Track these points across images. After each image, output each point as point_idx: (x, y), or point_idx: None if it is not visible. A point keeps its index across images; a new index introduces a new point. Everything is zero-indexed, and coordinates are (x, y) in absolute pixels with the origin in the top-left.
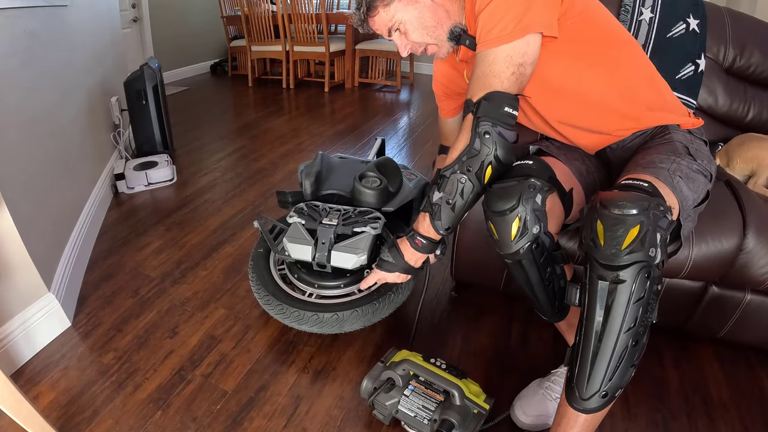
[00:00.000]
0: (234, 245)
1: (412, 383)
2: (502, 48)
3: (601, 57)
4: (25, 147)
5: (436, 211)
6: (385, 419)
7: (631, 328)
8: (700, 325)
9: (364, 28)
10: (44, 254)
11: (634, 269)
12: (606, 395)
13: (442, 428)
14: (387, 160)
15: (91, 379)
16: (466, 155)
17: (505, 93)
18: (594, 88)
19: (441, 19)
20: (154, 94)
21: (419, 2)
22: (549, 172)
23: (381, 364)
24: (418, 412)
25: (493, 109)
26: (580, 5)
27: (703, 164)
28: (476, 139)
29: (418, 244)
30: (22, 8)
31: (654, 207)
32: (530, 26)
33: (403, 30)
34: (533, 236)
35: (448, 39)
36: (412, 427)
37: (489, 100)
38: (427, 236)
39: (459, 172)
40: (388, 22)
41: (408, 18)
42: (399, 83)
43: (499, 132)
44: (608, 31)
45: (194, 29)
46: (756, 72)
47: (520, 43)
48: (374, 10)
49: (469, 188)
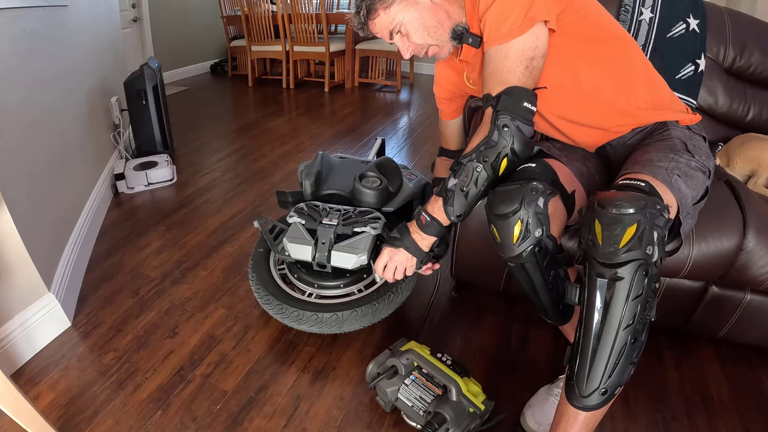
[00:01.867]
0: (234, 245)
1: (414, 374)
2: (513, 43)
3: (599, 54)
4: (25, 147)
5: (450, 197)
6: (385, 406)
7: (630, 325)
8: (700, 325)
9: (364, 32)
10: (44, 254)
11: (632, 267)
12: (605, 392)
13: (434, 421)
14: (387, 160)
15: (91, 379)
16: (484, 146)
17: (524, 88)
18: (592, 85)
19: (442, 20)
20: (154, 94)
21: (419, 3)
22: (552, 174)
23: (389, 351)
24: (415, 402)
25: (512, 103)
26: (578, 3)
27: (702, 161)
28: (495, 131)
29: (422, 221)
30: (22, 8)
31: (651, 206)
32: (537, 16)
33: (404, 32)
34: (536, 239)
35: (451, 38)
36: (409, 417)
37: (509, 94)
38: (433, 216)
39: (476, 161)
40: (389, 24)
41: (408, 19)
42: (399, 83)
43: (517, 126)
44: (606, 29)
45: (194, 29)
46: (756, 72)
47: (530, 36)
48: (374, 13)
49: (483, 177)
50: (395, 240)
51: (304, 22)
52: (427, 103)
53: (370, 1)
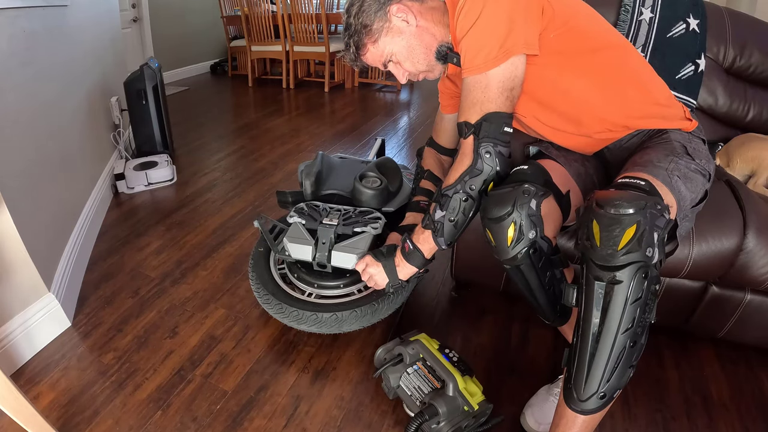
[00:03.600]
0: (234, 245)
1: (417, 364)
2: (493, 74)
3: (589, 66)
4: (26, 147)
5: (439, 229)
6: (388, 393)
7: (629, 329)
8: (700, 325)
9: (358, 65)
10: (44, 254)
11: (631, 270)
12: (604, 396)
13: (426, 412)
14: (387, 160)
15: (91, 379)
16: (469, 175)
17: (501, 113)
18: (581, 98)
19: (429, 44)
20: (154, 94)
21: (404, 32)
22: (544, 175)
23: (399, 339)
24: (414, 391)
25: (493, 130)
26: (562, 17)
27: (702, 164)
28: (479, 159)
29: (405, 248)
30: (22, 8)
31: (651, 206)
32: (513, 49)
33: (395, 60)
34: (530, 241)
35: (436, 59)
36: (408, 407)
37: (489, 121)
38: (417, 245)
39: (461, 192)
40: (380, 56)
41: (398, 49)
42: (399, 83)
43: (499, 151)
44: (597, 39)
45: (194, 29)
46: (756, 72)
47: (507, 66)
48: (363, 48)
49: (470, 205)
50: (379, 255)
51: (304, 22)
52: (427, 103)
53: (357, 38)
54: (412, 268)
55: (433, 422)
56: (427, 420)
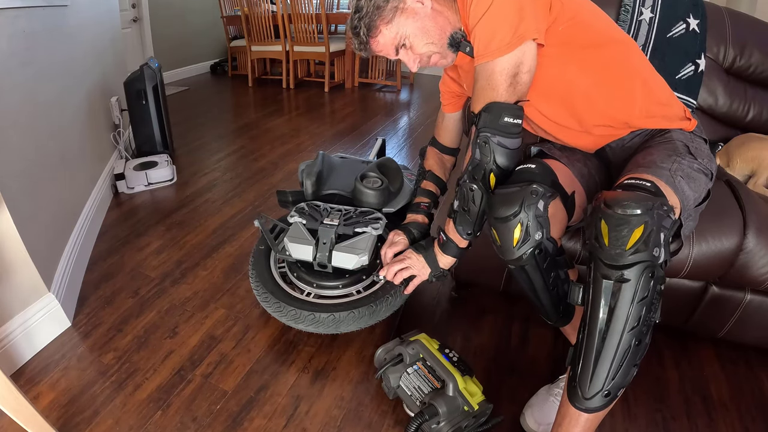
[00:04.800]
0: (234, 245)
1: (417, 364)
2: (498, 61)
3: (593, 60)
4: (26, 147)
5: (456, 218)
6: (389, 393)
7: (635, 327)
8: (700, 324)
9: (366, 52)
10: (44, 254)
11: (639, 269)
12: (609, 394)
13: (426, 412)
14: (388, 160)
15: (91, 379)
16: (471, 165)
17: (503, 103)
18: (584, 92)
19: (443, 26)
20: (154, 94)
21: (418, 13)
22: (552, 176)
23: (399, 339)
24: (414, 391)
25: (492, 120)
26: (570, 11)
27: (704, 163)
28: (476, 149)
29: (440, 240)
30: (22, 8)
31: (658, 207)
32: (525, 34)
33: (408, 45)
34: (536, 242)
35: (449, 46)
36: (408, 407)
37: (488, 111)
38: (449, 236)
39: (468, 182)
40: (393, 39)
41: (411, 31)
42: (399, 83)
43: (498, 141)
44: (602, 34)
45: (194, 29)
46: (756, 72)
47: (516, 53)
48: (375, 30)
49: (478, 195)
50: (420, 248)
51: (304, 22)
52: (427, 103)
53: (368, 19)
54: (449, 258)
55: (433, 422)
56: (427, 420)
